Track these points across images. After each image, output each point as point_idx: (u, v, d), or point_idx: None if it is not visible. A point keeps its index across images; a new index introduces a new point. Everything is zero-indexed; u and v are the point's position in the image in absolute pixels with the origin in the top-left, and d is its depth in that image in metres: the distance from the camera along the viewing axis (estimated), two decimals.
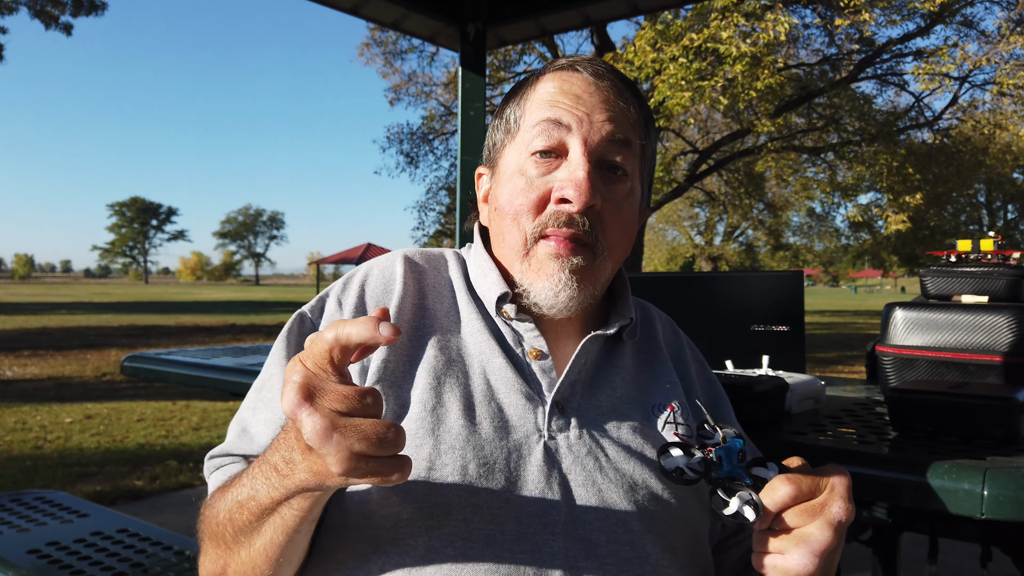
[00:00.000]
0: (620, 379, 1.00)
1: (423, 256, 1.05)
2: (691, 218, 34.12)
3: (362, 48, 16.41)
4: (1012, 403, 1.26)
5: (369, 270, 1.02)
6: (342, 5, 2.87)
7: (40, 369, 9.98)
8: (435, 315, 0.98)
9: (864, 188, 16.37)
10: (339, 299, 0.99)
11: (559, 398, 0.93)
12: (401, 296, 0.97)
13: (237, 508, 0.78)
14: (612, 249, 0.96)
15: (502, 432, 0.88)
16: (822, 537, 0.75)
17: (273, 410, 0.93)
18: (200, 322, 19.85)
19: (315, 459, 0.65)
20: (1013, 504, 1.02)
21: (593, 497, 0.88)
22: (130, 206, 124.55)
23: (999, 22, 12.84)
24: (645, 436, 0.95)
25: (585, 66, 0.98)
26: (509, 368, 0.93)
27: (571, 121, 0.94)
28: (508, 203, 0.96)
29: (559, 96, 0.96)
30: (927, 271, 1.85)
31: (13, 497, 2.38)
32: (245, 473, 0.79)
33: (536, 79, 1.01)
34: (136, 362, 2.40)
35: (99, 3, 18.67)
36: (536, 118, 0.96)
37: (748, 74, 10.69)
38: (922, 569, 1.79)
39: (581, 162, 0.92)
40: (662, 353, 1.09)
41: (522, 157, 0.97)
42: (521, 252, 0.95)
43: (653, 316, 1.16)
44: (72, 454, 5.36)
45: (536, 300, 0.95)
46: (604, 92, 0.96)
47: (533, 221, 0.94)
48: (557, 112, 0.95)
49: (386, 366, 0.91)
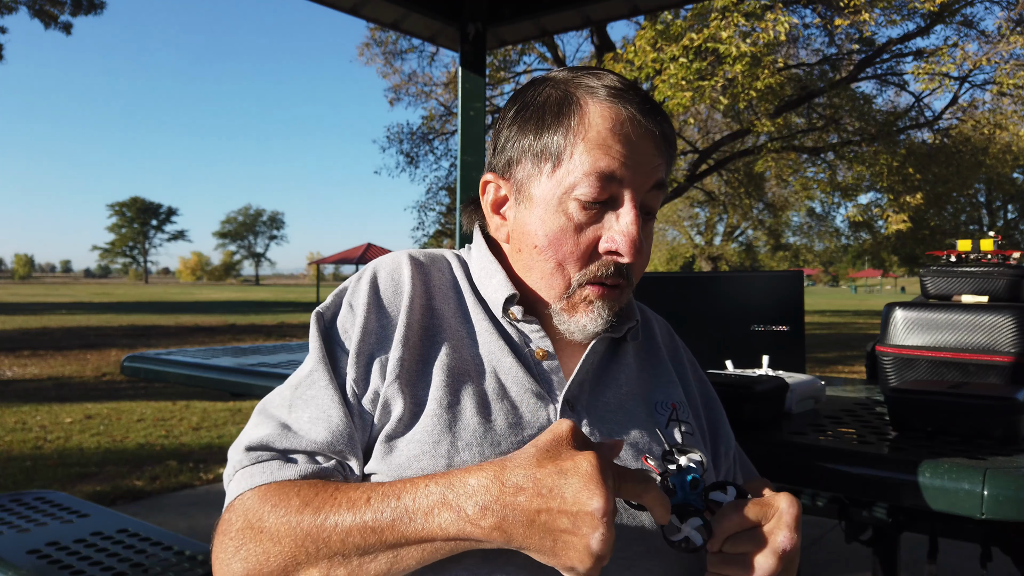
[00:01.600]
0: (625, 377, 1.03)
1: (427, 256, 1.06)
2: (691, 218, 34.11)
3: (362, 48, 16.41)
4: (1012, 403, 1.26)
5: (376, 271, 1.02)
6: (342, 5, 2.87)
7: (40, 369, 9.98)
8: (443, 316, 0.99)
9: (864, 188, 16.36)
10: (350, 302, 0.99)
11: (569, 396, 0.95)
12: (411, 296, 0.97)
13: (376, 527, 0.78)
14: (636, 277, 1.00)
15: (517, 429, 0.90)
16: (767, 565, 0.80)
17: (320, 407, 0.91)
18: (200, 322, 19.85)
19: (575, 549, 0.72)
20: (1013, 504, 1.02)
21: None
22: (130, 206, 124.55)
23: (999, 22, 12.83)
24: (651, 434, 0.98)
25: (634, 100, 0.94)
26: (519, 367, 0.95)
27: (625, 175, 0.92)
28: (553, 246, 0.95)
29: (613, 142, 0.92)
30: (927, 271, 1.85)
31: (13, 497, 2.38)
32: (404, 491, 0.79)
33: (583, 104, 0.95)
34: (136, 362, 2.40)
35: (98, 2, 18.67)
36: (587, 165, 0.92)
37: (748, 74, 10.68)
38: (922, 569, 1.79)
39: (633, 217, 0.93)
40: (661, 353, 1.12)
41: (566, 196, 0.94)
42: (561, 293, 0.97)
43: (650, 317, 1.18)
44: (72, 454, 5.36)
45: (567, 329, 0.98)
46: (653, 134, 0.94)
47: (580, 270, 0.95)
48: (612, 164, 0.92)
49: (402, 364, 0.92)
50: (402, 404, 0.90)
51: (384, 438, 0.90)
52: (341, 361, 0.95)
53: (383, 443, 0.89)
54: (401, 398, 0.90)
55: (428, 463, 0.86)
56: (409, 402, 0.90)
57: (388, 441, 0.89)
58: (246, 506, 0.85)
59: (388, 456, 0.89)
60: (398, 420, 0.89)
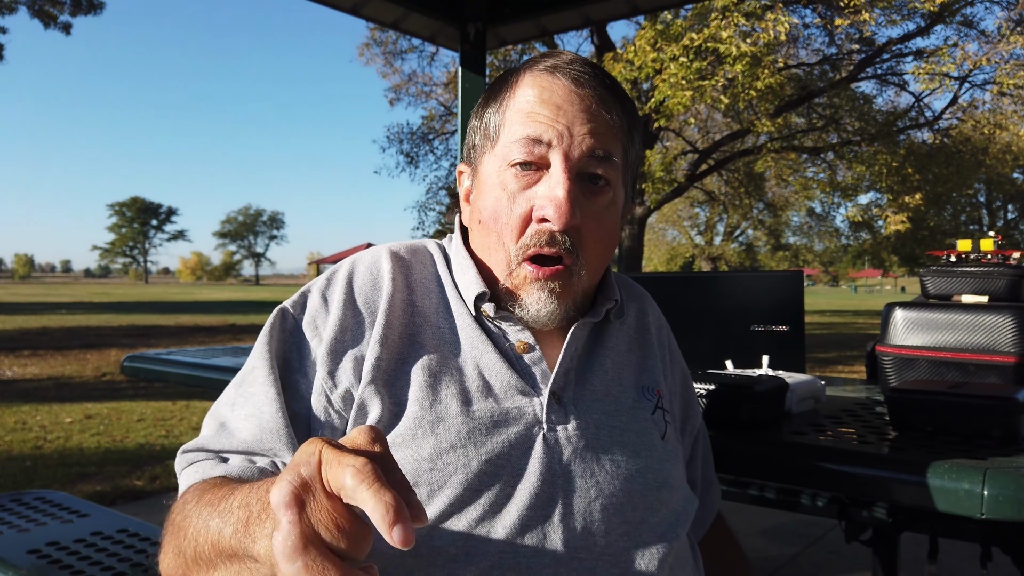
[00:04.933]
0: (611, 361, 1.01)
1: (408, 250, 1.04)
2: (691, 218, 34.12)
3: (362, 48, 16.42)
4: (1012, 403, 1.26)
5: (354, 266, 1.00)
6: (342, 5, 2.87)
7: (40, 369, 9.98)
8: (424, 312, 0.97)
9: (864, 188, 16.36)
10: (323, 295, 0.97)
11: (556, 388, 0.94)
12: (391, 293, 0.96)
13: (204, 537, 0.72)
14: (590, 262, 0.95)
15: (502, 427, 0.89)
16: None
17: (255, 405, 0.89)
18: (200, 322, 19.85)
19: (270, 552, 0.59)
20: (1013, 504, 1.02)
21: (592, 489, 0.89)
22: (130, 206, 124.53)
23: (999, 22, 12.84)
24: (637, 422, 0.97)
25: (566, 71, 0.93)
26: (502, 363, 0.94)
27: (551, 137, 0.91)
28: (492, 219, 0.95)
29: (539, 107, 0.92)
30: (927, 271, 1.85)
31: (13, 497, 2.37)
32: (223, 500, 0.71)
33: (516, 80, 0.97)
34: (136, 362, 2.40)
35: (97, 2, 18.66)
36: (515, 134, 0.93)
37: (748, 74, 10.68)
38: (922, 569, 1.79)
39: (561, 179, 0.90)
40: (650, 334, 1.10)
41: (502, 168, 0.94)
42: (505, 270, 0.95)
43: (643, 294, 1.16)
44: (72, 454, 5.36)
45: (524, 315, 0.96)
46: (586, 101, 0.92)
47: (516, 243, 0.93)
48: (537, 128, 0.91)
49: (379, 365, 0.90)
50: (380, 406, 0.88)
51: None
52: (306, 357, 0.93)
53: None
54: (379, 400, 0.89)
55: (411, 467, 0.85)
56: (388, 403, 0.89)
57: None
58: (173, 515, 0.82)
59: None
60: (376, 422, 0.88)
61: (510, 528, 0.84)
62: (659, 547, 0.90)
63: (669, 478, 0.96)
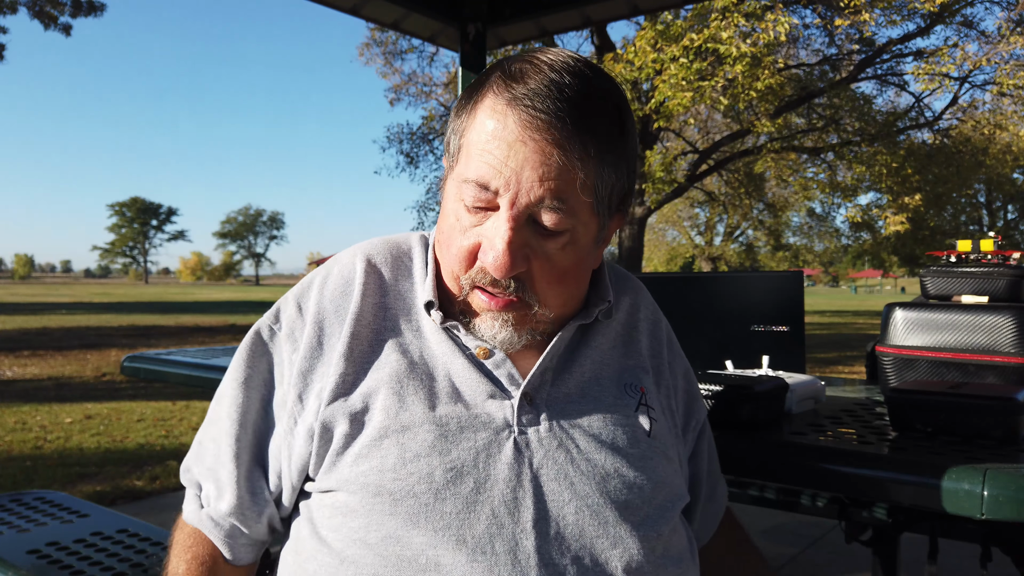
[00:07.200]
0: (591, 360, 0.98)
1: (387, 248, 1.01)
2: (691, 218, 34.13)
3: (362, 48, 16.45)
4: (1012, 403, 1.26)
5: (329, 271, 1.00)
6: (342, 5, 2.87)
7: (40, 369, 9.97)
8: (396, 315, 0.95)
9: (864, 188, 16.38)
10: (299, 303, 0.98)
11: (529, 389, 0.91)
12: (361, 297, 0.95)
13: None
14: (547, 300, 0.90)
15: (469, 433, 0.87)
16: None
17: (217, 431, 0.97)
18: (200, 322, 19.85)
19: None
20: (1013, 504, 1.01)
21: (565, 491, 0.87)
22: (130, 206, 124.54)
23: (999, 22, 12.86)
24: (617, 420, 0.93)
25: (525, 105, 0.83)
26: (472, 368, 0.92)
27: (499, 185, 0.84)
28: (445, 244, 0.92)
29: (491, 143, 0.84)
30: (927, 271, 1.85)
31: (13, 497, 2.37)
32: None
33: (480, 98, 0.88)
34: (136, 362, 2.40)
35: (98, 4, 18.64)
36: (466, 170, 0.86)
37: (748, 74, 10.69)
38: (922, 569, 1.79)
39: (503, 231, 0.84)
40: (639, 330, 1.05)
41: (456, 197, 0.89)
42: (459, 293, 0.92)
43: (638, 288, 1.11)
44: (72, 454, 5.36)
45: (479, 336, 0.92)
46: (540, 144, 0.82)
47: (464, 273, 0.90)
48: (485, 173, 0.84)
49: (343, 379, 0.90)
50: (346, 422, 0.88)
51: (332, 455, 0.88)
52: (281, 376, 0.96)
53: (332, 459, 0.89)
54: (344, 417, 0.88)
55: (374, 478, 0.85)
56: (356, 415, 0.88)
57: (337, 457, 0.88)
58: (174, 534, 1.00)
59: (332, 473, 0.88)
60: (343, 436, 0.88)
61: (479, 536, 0.83)
62: (638, 546, 0.88)
63: (652, 475, 0.92)
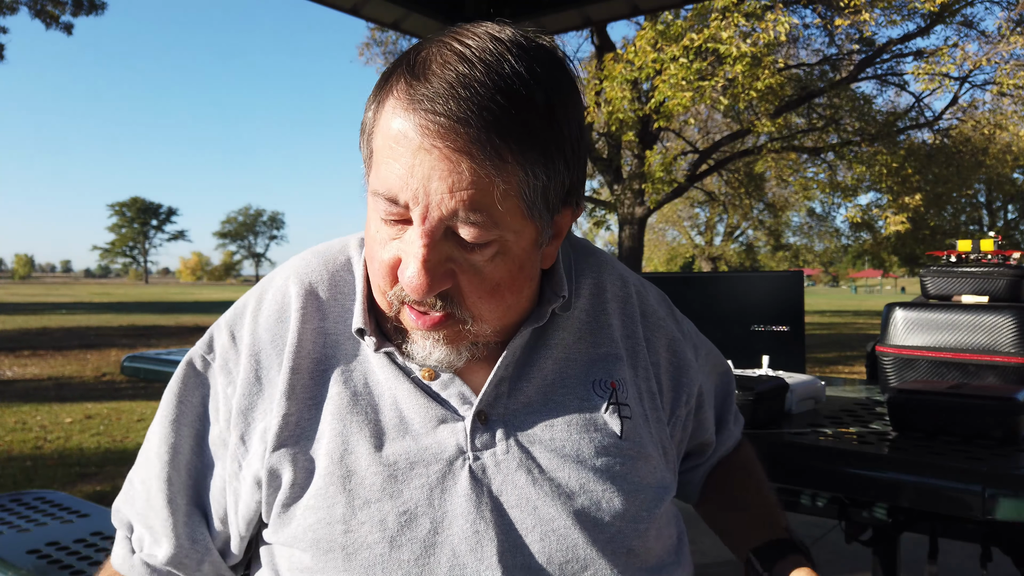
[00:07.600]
0: (552, 361, 0.87)
1: (321, 264, 0.91)
2: (691, 218, 34.12)
3: (362, 48, 16.45)
4: (1012, 403, 1.26)
5: (262, 296, 0.90)
6: (342, 5, 2.88)
7: (40, 369, 9.97)
8: (337, 339, 0.86)
9: (864, 188, 16.37)
10: (232, 332, 0.90)
11: (483, 406, 0.83)
12: (299, 324, 0.86)
13: None
14: (481, 314, 0.79)
15: (420, 469, 0.80)
16: None
17: (147, 473, 0.90)
18: (200, 322, 19.85)
19: None
20: (1013, 504, 1.02)
21: (529, 517, 0.80)
22: (130, 206, 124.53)
23: (999, 22, 12.86)
24: (583, 426, 0.84)
25: (425, 109, 0.71)
26: (417, 392, 0.83)
27: (407, 199, 0.73)
28: (369, 257, 0.82)
29: (395, 149, 0.73)
30: (927, 271, 1.85)
31: (13, 497, 2.37)
32: None
33: (383, 99, 0.76)
34: (136, 362, 2.40)
35: (99, 3, 18.65)
36: (376, 180, 0.76)
37: (748, 74, 10.69)
38: (922, 569, 1.79)
39: (416, 250, 0.74)
40: (607, 313, 0.93)
41: (373, 208, 0.79)
42: (389, 309, 0.82)
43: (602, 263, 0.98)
44: (72, 454, 5.36)
45: (418, 359, 0.83)
46: (444, 151, 0.70)
47: (390, 289, 0.80)
48: (392, 185, 0.73)
49: (287, 421, 0.82)
50: (292, 469, 0.81)
51: (280, 506, 0.82)
52: (218, 412, 0.88)
53: (280, 510, 0.82)
54: (290, 463, 0.81)
55: (323, 532, 0.78)
56: (301, 462, 0.81)
57: (285, 509, 0.81)
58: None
59: (284, 527, 0.82)
60: (291, 485, 0.81)
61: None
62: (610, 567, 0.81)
63: (624, 484, 0.84)
